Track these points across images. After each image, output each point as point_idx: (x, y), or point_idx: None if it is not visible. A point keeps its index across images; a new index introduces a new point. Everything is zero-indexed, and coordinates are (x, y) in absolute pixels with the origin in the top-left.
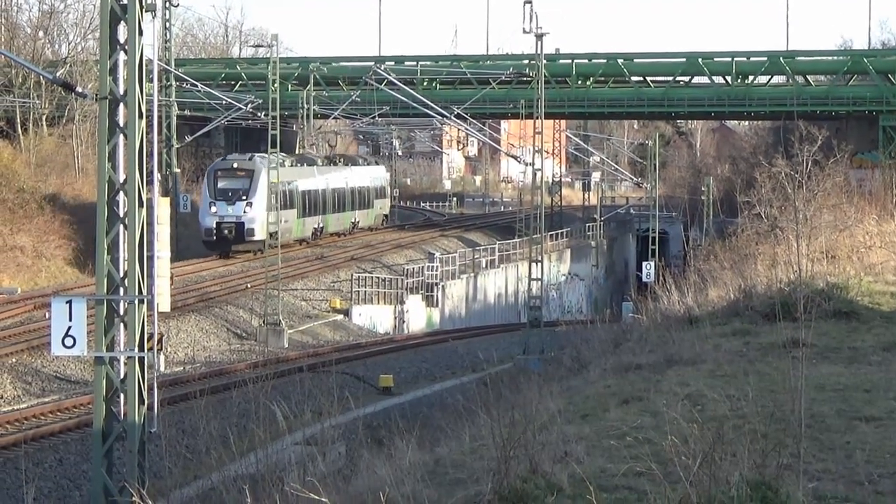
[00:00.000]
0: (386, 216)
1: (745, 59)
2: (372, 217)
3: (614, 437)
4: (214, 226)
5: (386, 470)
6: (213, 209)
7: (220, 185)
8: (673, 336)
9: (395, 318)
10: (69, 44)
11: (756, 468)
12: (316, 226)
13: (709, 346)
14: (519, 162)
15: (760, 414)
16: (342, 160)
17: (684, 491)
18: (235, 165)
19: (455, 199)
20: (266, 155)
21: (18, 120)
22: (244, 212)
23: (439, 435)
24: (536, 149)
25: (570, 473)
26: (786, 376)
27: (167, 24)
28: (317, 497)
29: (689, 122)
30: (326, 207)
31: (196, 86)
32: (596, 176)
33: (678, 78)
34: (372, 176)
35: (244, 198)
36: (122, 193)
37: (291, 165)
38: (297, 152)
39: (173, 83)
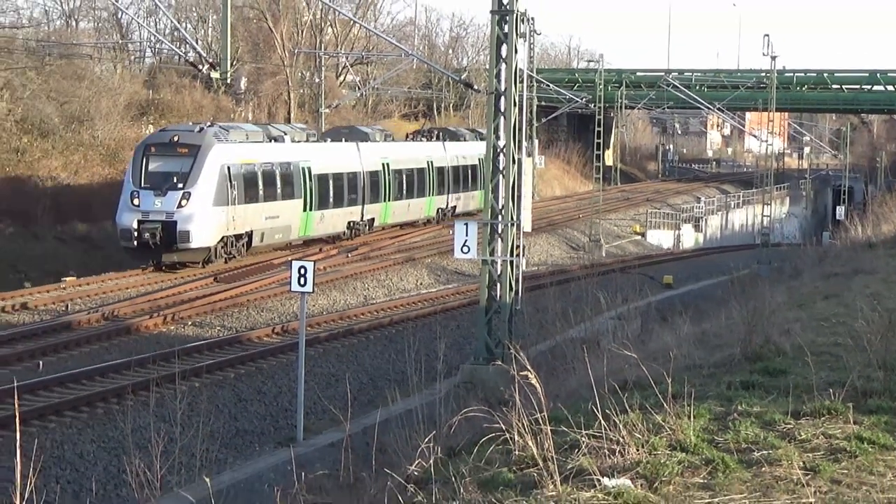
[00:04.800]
0: None
1: None
2: (481, 199)
3: (820, 320)
4: (135, 226)
5: (670, 337)
6: (136, 201)
7: (151, 166)
8: (858, 255)
9: (674, 239)
10: (468, 57)
11: None
12: (357, 218)
13: (882, 262)
14: (757, 139)
15: None
16: (440, 134)
17: (867, 356)
18: (175, 139)
19: (714, 162)
20: (282, 126)
21: (434, 106)
22: (178, 207)
23: (704, 316)
24: (769, 131)
25: (791, 343)
26: None
27: (531, 46)
28: (627, 353)
29: (870, 115)
30: (387, 193)
31: (549, 85)
32: (806, 149)
33: (863, 86)
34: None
35: (180, 186)
36: (501, 155)
37: (308, 140)
38: (613, 132)
39: (535, 84)
